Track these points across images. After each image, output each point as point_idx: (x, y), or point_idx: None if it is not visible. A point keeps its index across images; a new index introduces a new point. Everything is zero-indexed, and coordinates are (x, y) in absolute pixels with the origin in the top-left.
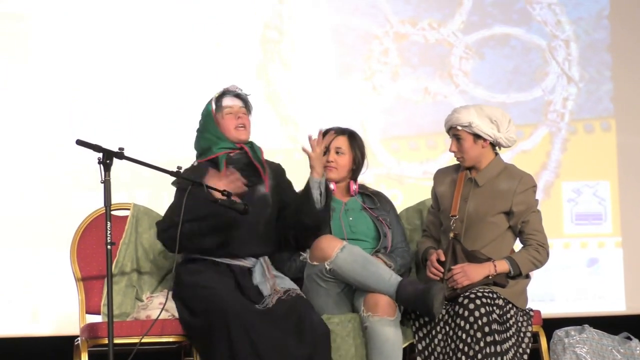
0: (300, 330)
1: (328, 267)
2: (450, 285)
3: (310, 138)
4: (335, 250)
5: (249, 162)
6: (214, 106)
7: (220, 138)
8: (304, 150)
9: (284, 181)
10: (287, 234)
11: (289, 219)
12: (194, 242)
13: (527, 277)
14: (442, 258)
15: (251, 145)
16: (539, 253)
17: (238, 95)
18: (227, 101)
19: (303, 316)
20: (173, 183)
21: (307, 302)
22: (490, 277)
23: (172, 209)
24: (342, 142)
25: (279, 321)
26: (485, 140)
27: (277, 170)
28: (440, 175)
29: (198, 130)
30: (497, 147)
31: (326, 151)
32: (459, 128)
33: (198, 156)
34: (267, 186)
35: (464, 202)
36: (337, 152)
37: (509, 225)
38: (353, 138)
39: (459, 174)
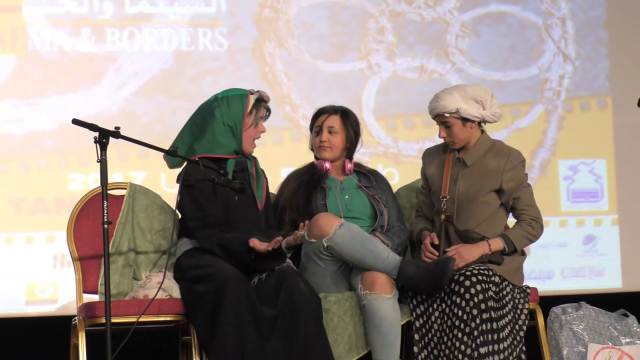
0: (289, 300)
1: (326, 245)
2: None
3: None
4: (333, 227)
5: (247, 168)
6: (249, 107)
7: (236, 141)
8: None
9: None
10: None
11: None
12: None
13: (523, 254)
14: (436, 241)
15: (254, 157)
16: (532, 228)
17: (268, 108)
18: (262, 110)
19: (290, 285)
20: (182, 181)
21: (295, 272)
22: (485, 256)
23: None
24: (334, 121)
25: (268, 294)
26: (473, 121)
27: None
28: (428, 156)
29: (214, 119)
30: (483, 124)
31: (319, 131)
32: (447, 115)
33: (203, 147)
34: (263, 199)
35: (454, 183)
36: (330, 132)
37: (500, 202)
38: (346, 116)
39: (447, 155)
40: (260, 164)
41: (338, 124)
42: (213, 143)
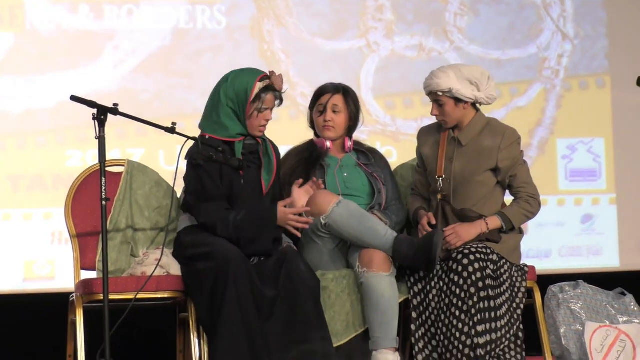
0: (289, 281)
1: (324, 222)
2: (443, 248)
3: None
4: (331, 205)
5: (258, 151)
6: (253, 94)
7: (242, 124)
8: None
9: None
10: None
11: None
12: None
13: (521, 232)
14: (433, 221)
15: (264, 140)
16: (530, 205)
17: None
18: (269, 98)
19: (291, 266)
20: (190, 159)
21: (296, 253)
22: (482, 235)
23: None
24: (338, 100)
25: (269, 274)
26: (466, 102)
27: None
28: (423, 135)
29: (219, 101)
30: (477, 104)
31: (323, 110)
32: (440, 94)
33: (208, 127)
34: (270, 182)
35: (450, 162)
36: (334, 111)
37: (497, 181)
38: (348, 94)
39: (441, 134)
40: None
41: (341, 102)
42: (217, 124)
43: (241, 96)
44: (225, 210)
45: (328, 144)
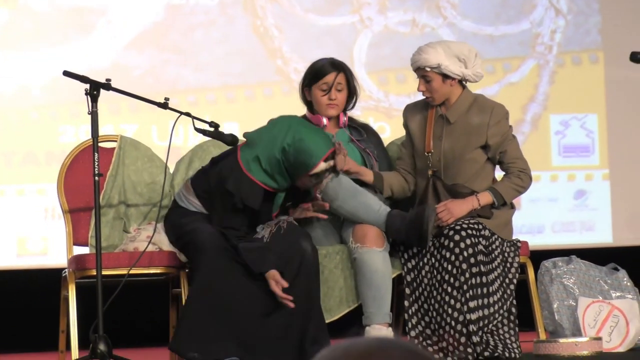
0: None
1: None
2: (435, 224)
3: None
4: (326, 180)
5: None
6: (313, 172)
7: (290, 180)
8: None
9: None
10: None
11: None
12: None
13: (512, 207)
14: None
15: None
16: (521, 179)
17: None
18: (327, 178)
19: (298, 247)
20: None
21: (301, 231)
22: (474, 211)
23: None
24: (341, 78)
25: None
26: (453, 79)
27: None
28: (409, 111)
29: (274, 156)
30: (464, 82)
31: (328, 90)
32: (427, 69)
33: (258, 173)
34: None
35: (438, 141)
36: (337, 90)
37: (487, 157)
38: (349, 72)
39: (428, 111)
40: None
41: (344, 80)
42: (268, 175)
43: (300, 169)
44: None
45: (325, 120)
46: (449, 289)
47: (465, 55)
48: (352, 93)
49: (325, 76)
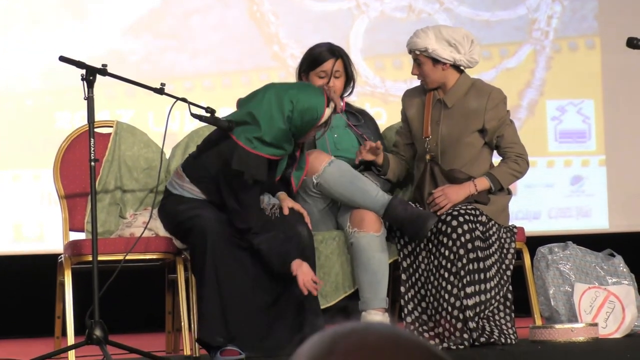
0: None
1: (315, 182)
2: (432, 210)
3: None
4: (323, 164)
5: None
6: (321, 122)
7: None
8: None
9: None
10: None
11: None
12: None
13: (509, 193)
14: (374, 145)
15: None
16: (517, 164)
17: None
18: (330, 120)
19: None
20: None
21: (296, 216)
22: (471, 197)
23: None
24: (339, 65)
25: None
26: (444, 63)
27: None
28: (407, 97)
29: (280, 127)
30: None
31: (327, 77)
32: (417, 52)
33: (260, 147)
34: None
35: (436, 125)
36: (335, 77)
37: (484, 142)
38: (347, 58)
39: (426, 96)
40: None
41: (342, 67)
42: (272, 146)
43: (309, 125)
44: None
45: None
46: (446, 275)
47: (457, 41)
48: (349, 79)
49: (323, 63)
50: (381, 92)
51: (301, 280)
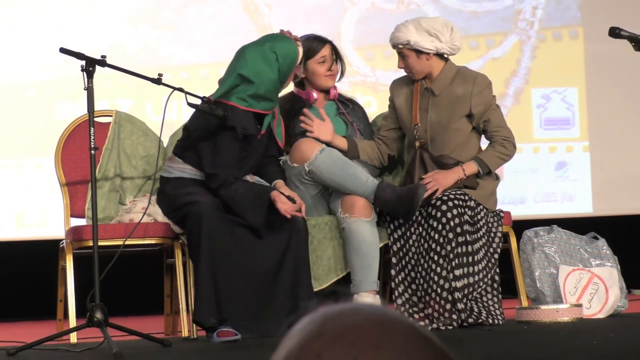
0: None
1: (307, 169)
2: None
3: None
4: (315, 152)
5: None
6: (299, 60)
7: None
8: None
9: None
10: None
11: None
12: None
13: (497, 178)
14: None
15: None
16: (504, 147)
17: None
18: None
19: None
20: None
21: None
22: (460, 182)
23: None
24: (332, 50)
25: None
26: (428, 53)
27: None
28: (395, 87)
29: (270, 77)
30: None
31: (326, 61)
32: (400, 46)
33: (251, 102)
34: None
35: (425, 113)
36: (333, 60)
37: (472, 127)
38: (334, 44)
39: (414, 85)
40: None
41: (334, 52)
42: (261, 98)
43: (291, 66)
44: (234, 178)
45: (315, 94)
46: (436, 257)
47: (437, 30)
48: (342, 64)
49: (321, 50)
50: (372, 82)
51: (282, 207)
